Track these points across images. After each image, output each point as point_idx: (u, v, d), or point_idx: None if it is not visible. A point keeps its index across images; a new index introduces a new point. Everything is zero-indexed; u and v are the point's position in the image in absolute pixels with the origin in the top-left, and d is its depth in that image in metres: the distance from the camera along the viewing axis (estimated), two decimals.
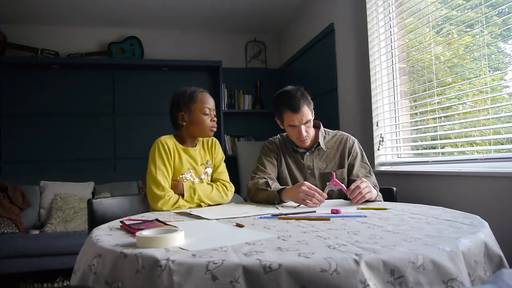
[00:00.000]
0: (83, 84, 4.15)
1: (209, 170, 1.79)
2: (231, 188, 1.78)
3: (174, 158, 1.67)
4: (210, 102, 1.72)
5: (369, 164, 1.84)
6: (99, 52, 4.17)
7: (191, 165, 1.71)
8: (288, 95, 1.73)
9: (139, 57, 4.25)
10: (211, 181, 1.79)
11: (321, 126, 1.88)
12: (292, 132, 1.78)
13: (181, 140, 1.74)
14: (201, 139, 1.81)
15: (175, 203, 1.58)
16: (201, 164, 1.75)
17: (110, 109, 4.21)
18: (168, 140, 1.68)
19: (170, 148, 1.65)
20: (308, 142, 1.79)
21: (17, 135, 3.95)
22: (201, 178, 1.74)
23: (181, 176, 1.68)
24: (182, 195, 1.61)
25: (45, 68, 4.06)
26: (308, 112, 1.73)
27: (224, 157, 1.87)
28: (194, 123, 1.70)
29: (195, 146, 1.77)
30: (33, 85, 4.02)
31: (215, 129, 1.73)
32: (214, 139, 1.86)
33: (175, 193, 1.61)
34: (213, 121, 1.72)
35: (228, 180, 1.81)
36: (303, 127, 1.73)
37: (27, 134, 3.97)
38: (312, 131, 1.81)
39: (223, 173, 1.81)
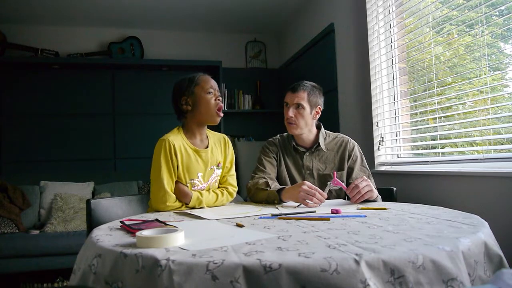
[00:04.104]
0: (83, 84, 4.15)
1: (219, 172, 1.73)
2: (235, 194, 1.76)
3: (182, 160, 1.59)
4: (213, 83, 1.65)
5: (368, 168, 1.85)
6: (99, 52, 4.17)
7: (200, 169, 1.64)
8: (299, 81, 1.85)
9: (139, 57, 4.25)
10: (220, 181, 1.76)
11: (322, 127, 1.89)
12: (284, 113, 1.84)
13: (189, 134, 1.66)
14: (212, 137, 1.74)
15: (175, 209, 1.58)
16: (211, 168, 1.68)
17: (110, 109, 4.22)
18: (176, 139, 1.59)
19: (176, 149, 1.57)
20: (295, 130, 1.81)
21: (17, 135, 3.95)
22: (208, 183, 1.68)
23: (190, 181, 1.62)
24: (187, 203, 1.60)
25: (45, 68, 4.06)
26: (303, 97, 1.79)
27: (234, 157, 1.81)
28: (199, 105, 1.62)
29: (207, 147, 1.68)
30: (33, 85, 4.02)
31: (221, 113, 1.65)
32: (226, 138, 1.80)
33: (181, 200, 1.58)
34: (219, 100, 1.64)
35: (235, 183, 1.77)
36: (291, 108, 1.78)
37: (27, 134, 3.97)
38: (302, 121, 1.80)
39: (233, 176, 1.77)
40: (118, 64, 4.15)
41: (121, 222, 1.19)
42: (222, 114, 1.65)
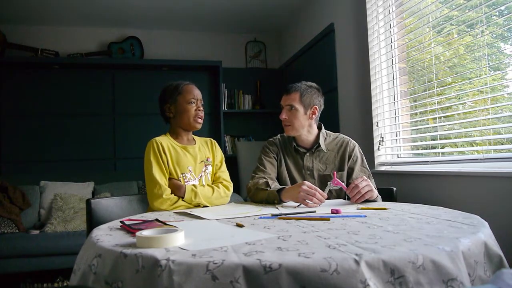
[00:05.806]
0: (83, 84, 4.15)
1: (210, 168, 1.79)
2: (231, 188, 1.79)
3: (171, 156, 1.67)
4: (195, 93, 1.74)
5: (368, 168, 1.85)
6: (99, 52, 4.17)
7: (190, 163, 1.71)
8: (295, 83, 1.85)
9: (139, 57, 4.25)
10: (212, 179, 1.80)
11: (322, 127, 1.89)
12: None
13: (175, 136, 1.76)
14: (198, 140, 1.83)
15: (173, 203, 1.59)
16: (200, 162, 1.74)
17: (110, 109, 4.22)
18: (163, 140, 1.70)
19: (164, 147, 1.66)
20: (291, 132, 1.82)
21: (17, 135, 3.95)
22: (200, 177, 1.73)
23: (181, 175, 1.67)
24: (182, 196, 1.61)
25: (45, 68, 4.06)
26: (295, 99, 1.79)
27: (223, 157, 1.87)
28: (180, 113, 1.72)
29: (194, 144, 1.78)
30: (33, 85, 4.02)
31: (201, 120, 1.74)
32: (212, 140, 1.88)
33: (176, 194, 1.61)
34: (199, 110, 1.73)
35: (229, 178, 1.82)
36: (285, 110, 1.80)
37: (27, 134, 3.97)
38: (296, 122, 1.80)
39: (225, 172, 1.82)
40: (118, 64, 4.15)
41: (121, 222, 1.19)
42: (201, 122, 1.75)
